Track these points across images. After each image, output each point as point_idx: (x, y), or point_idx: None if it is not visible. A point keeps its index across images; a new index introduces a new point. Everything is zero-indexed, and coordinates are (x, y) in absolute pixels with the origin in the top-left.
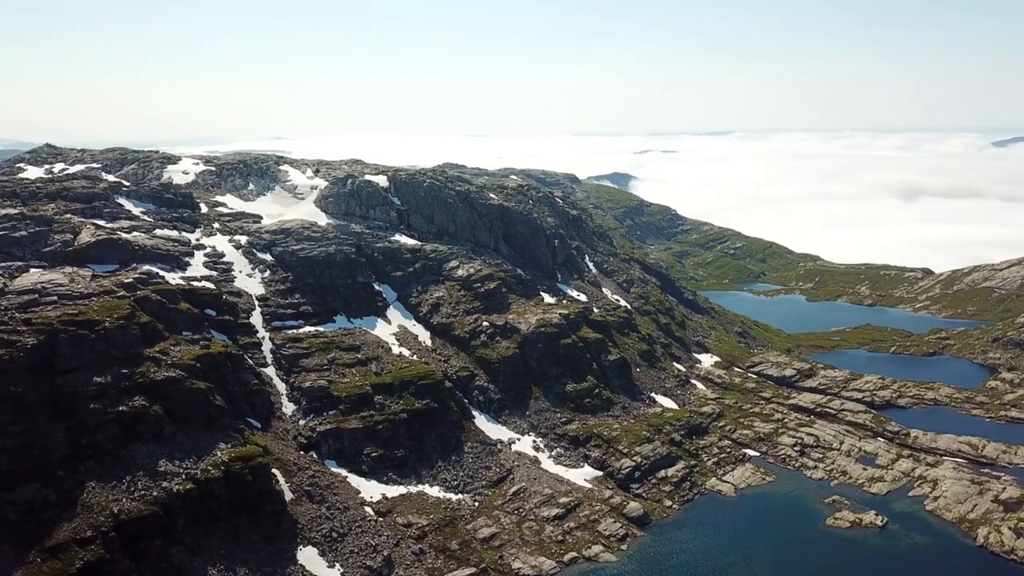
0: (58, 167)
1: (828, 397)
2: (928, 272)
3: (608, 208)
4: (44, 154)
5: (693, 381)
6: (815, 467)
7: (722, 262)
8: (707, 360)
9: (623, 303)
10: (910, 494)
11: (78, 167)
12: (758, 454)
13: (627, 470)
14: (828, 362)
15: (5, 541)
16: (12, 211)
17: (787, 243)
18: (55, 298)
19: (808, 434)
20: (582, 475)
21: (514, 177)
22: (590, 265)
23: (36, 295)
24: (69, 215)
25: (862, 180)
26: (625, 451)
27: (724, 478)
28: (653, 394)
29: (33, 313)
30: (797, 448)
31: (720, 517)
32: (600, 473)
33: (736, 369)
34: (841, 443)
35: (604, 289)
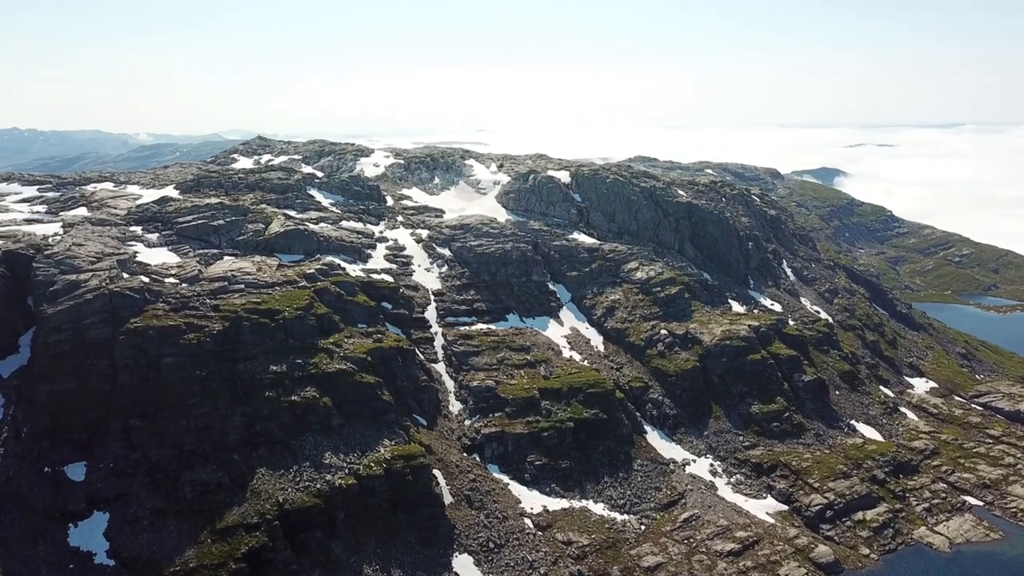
0: (265, 158)
1: None
2: None
3: (813, 207)
4: (255, 146)
5: (903, 410)
6: None
7: (944, 271)
8: (921, 385)
9: (824, 316)
10: None
11: (282, 158)
12: (981, 504)
13: (817, 508)
14: None
15: (182, 518)
16: (214, 201)
17: None
18: (242, 286)
19: None
20: (763, 507)
21: (709, 171)
22: (787, 271)
23: (226, 282)
24: (264, 205)
25: None
26: (816, 485)
27: (936, 528)
28: (853, 422)
29: (222, 300)
30: None
31: None
32: (785, 508)
33: (957, 398)
34: None
35: (802, 299)
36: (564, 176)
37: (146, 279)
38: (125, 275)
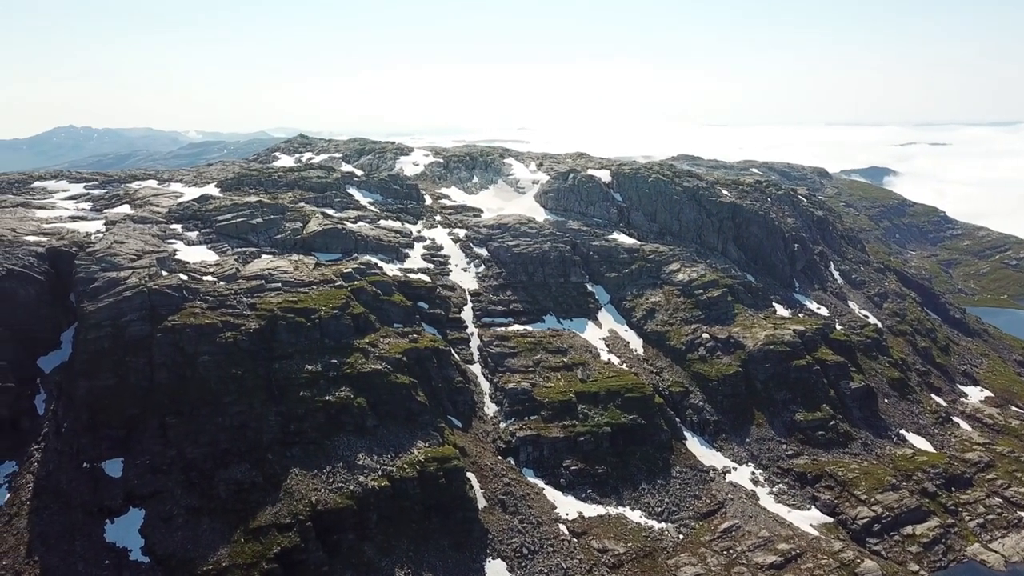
0: (306, 156)
1: None
2: None
3: (862, 207)
4: (296, 144)
5: (956, 419)
6: None
7: (1000, 274)
8: (975, 394)
9: (872, 320)
10: None
11: (322, 156)
12: None
13: (864, 521)
14: None
15: (216, 517)
16: (253, 199)
17: None
18: (279, 285)
19: None
20: (807, 519)
21: (754, 170)
22: (835, 274)
23: (263, 281)
24: (303, 204)
25: None
26: (863, 497)
27: (991, 545)
28: (903, 431)
29: (258, 298)
30: None
31: None
32: (830, 520)
33: (1014, 408)
34: None
35: (850, 303)
36: (605, 175)
37: (184, 277)
38: (164, 273)
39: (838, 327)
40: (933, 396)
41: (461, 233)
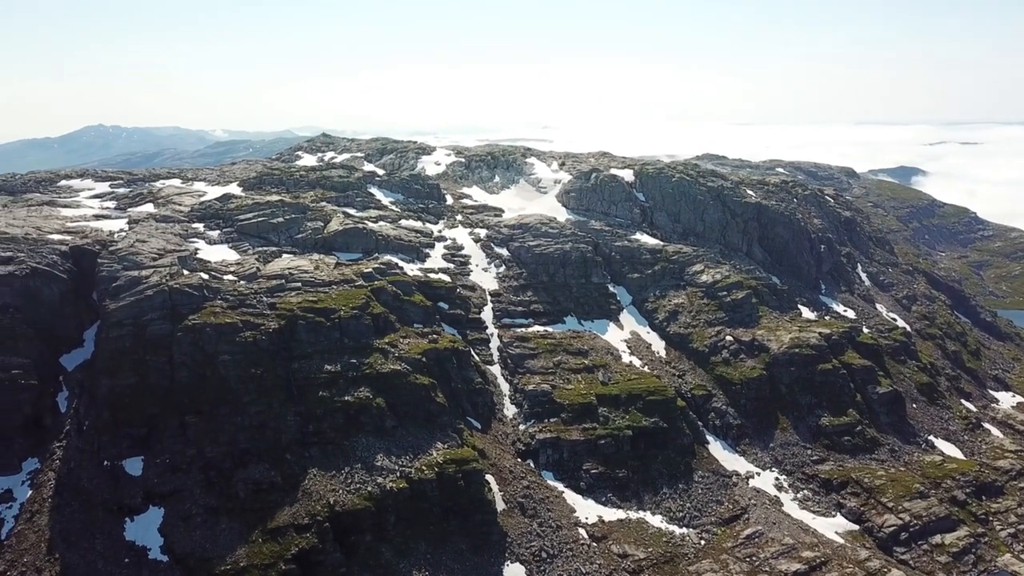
0: (328, 155)
1: None
2: None
3: (890, 207)
4: (319, 143)
5: (987, 426)
6: None
7: None
8: (1007, 400)
9: (901, 323)
10: None
11: (345, 156)
12: None
13: (891, 529)
14: None
15: (234, 517)
16: (274, 198)
17: None
18: (299, 284)
19: None
20: (832, 526)
21: (780, 170)
22: (862, 276)
23: (283, 280)
24: (324, 203)
25: None
26: (890, 505)
27: (1023, 556)
28: (932, 438)
29: (278, 298)
30: None
31: None
32: (855, 527)
33: None
34: None
35: (878, 305)
36: (628, 175)
37: (205, 276)
38: (185, 272)
39: (865, 330)
40: (963, 401)
41: (482, 233)
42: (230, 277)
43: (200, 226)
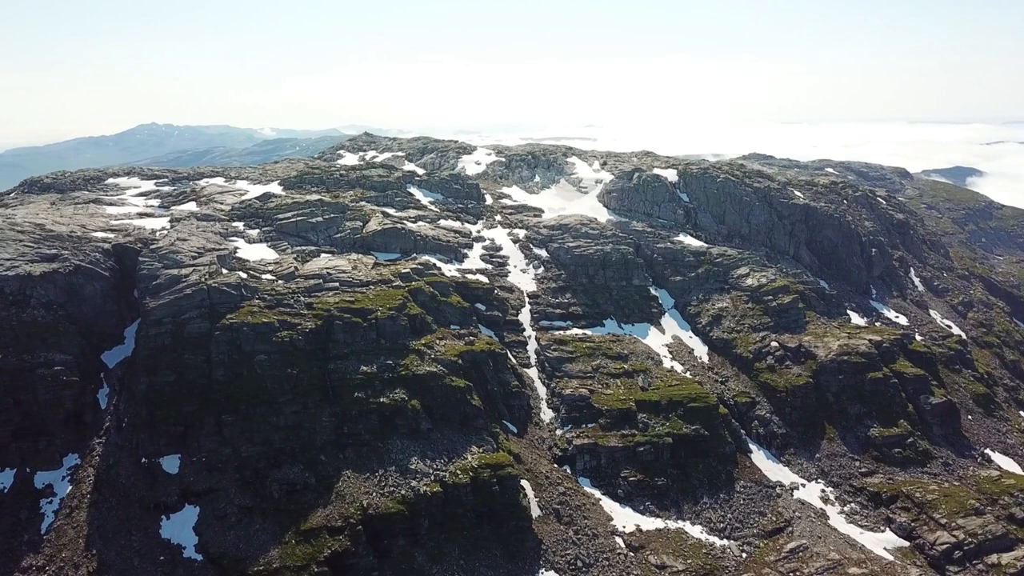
0: (370, 154)
1: None
2: None
3: (945, 209)
4: (361, 142)
5: None
6: None
7: None
8: None
9: (956, 331)
10: None
11: (386, 155)
12: None
13: (944, 547)
14: None
15: (268, 517)
16: (314, 197)
17: None
18: (336, 284)
19: None
20: (881, 542)
21: (830, 170)
22: (915, 280)
23: (320, 280)
24: (363, 203)
25: None
26: (943, 521)
27: None
28: (988, 451)
29: (316, 298)
30: None
31: None
32: (906, 544)
33: None
34: None
35: (932, 312)
36: (671, 174)
37: (243, 275)
38: (224, 271)
39: (918, 337)
40: (1022, 413)
41: (521, 233)
42: (268, 276)
43: (240, 225)
